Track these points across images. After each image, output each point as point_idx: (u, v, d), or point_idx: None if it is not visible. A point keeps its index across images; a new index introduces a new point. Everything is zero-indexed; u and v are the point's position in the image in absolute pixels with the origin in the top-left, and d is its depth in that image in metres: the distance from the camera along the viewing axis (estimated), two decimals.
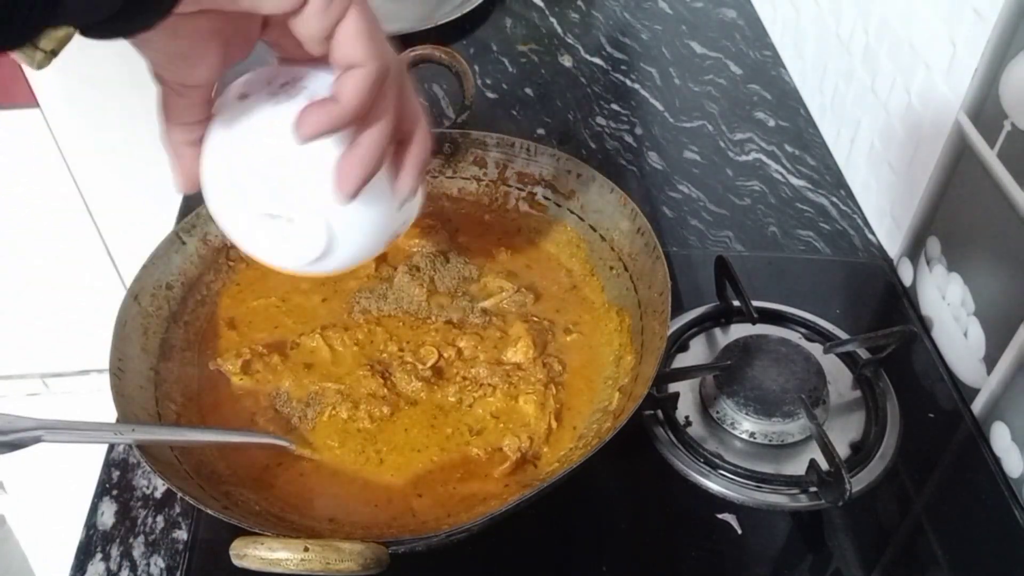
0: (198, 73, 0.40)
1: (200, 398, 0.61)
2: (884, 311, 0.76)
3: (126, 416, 0.53)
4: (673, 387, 0.65)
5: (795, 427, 0.61)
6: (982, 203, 0.63)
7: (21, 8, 0.31)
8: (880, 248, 0.80)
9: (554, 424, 0.59)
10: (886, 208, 0.79)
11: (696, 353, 0.69)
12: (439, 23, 1.08)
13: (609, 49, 1.07)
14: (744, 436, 0.62)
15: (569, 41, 1.09)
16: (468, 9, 1.10)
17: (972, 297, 0.65)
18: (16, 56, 0.65)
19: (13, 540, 1.02)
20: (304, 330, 0.65)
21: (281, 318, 0.66)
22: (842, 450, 0.62)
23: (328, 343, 0.63)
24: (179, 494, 0.50)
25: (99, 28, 0.36)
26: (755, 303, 0.69)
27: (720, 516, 0.59)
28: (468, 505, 0.55)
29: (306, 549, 0.43)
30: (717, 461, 0.60)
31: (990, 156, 0.61)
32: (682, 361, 0.68)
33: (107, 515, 0.60)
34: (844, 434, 0.63)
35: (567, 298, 0.68)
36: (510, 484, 0.56)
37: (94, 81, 1.33)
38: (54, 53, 0.76)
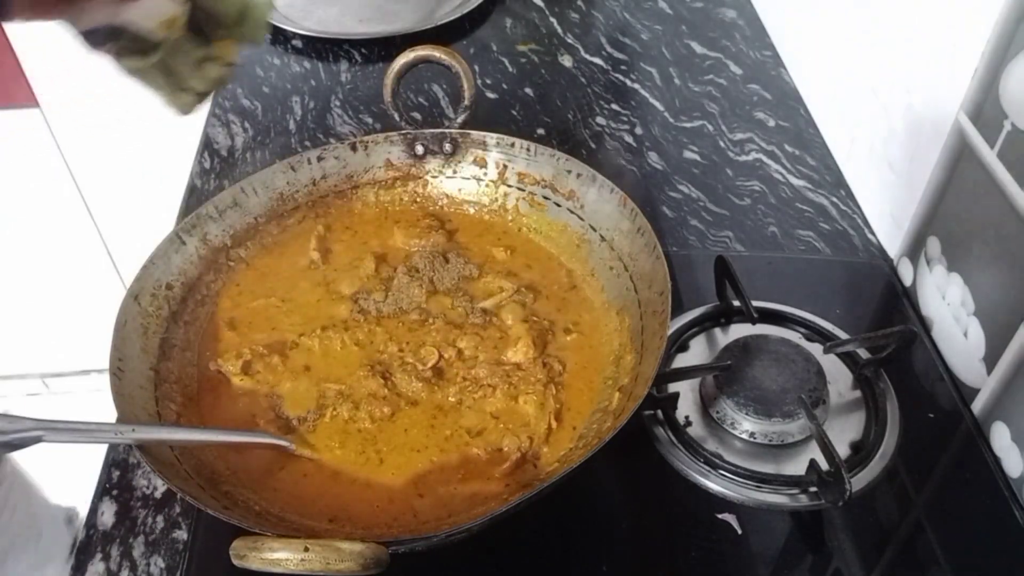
0: None
1: (200, 398, 0.61)
2: (884, 311, 0.76)
3: (126, 416, 0.53)
4: (673, 387, 0.65)
5: (795, 427, 0.61)
6: (982, 203, 0.63)
7: None
8: (880, 248, 0.80)
9: (554, 424, 0.59)
10: (886, 208, 0.79)
11: (696, 353, 0.69)
12: (439, 23, 1.08)
13: (609, 49, 1.07)
14: (744, 436, 0.62)
15: (569, 41, 1.09)
16: (468, 9, 1.11)
17: (972, 297, 0.65)
18: (163, 100, 0.65)
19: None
20: (303, 330, 0.65)
21: (281, 318, 0.66)
22: (842, 450, 0.62)
23: (328, 343, 0.63)
24: (179, 494, 0.50)
25: None
26: (755, 303, 0.69)
27: (720, 516, 0.59)
28: (468, 505, 0.55)
29: (306, 549, 0.43)
30: (717, 461, 0.60)
31: (990, 156, 0.61)
32: (682, 361, 0.68)
33: (107, 515, 0.60)
34: (844, 434, 0.63)
35: (567, 298, 0.68)
36: (510, 484, 0.56)
37: (94, 81, 1.33)
38: (202, 96, 0.73)
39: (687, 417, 0.64)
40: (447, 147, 0.73)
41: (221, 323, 0.65)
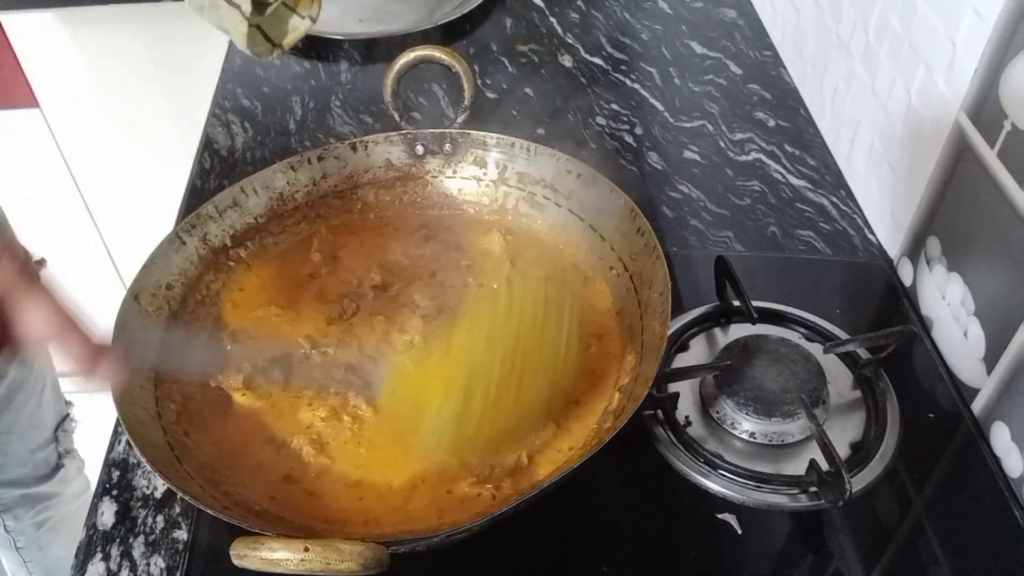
0: None
1: (204, 413, 0.60)
2: (884, 311, 0.76)
3: (126, 417, 0.53)
4: (673, 387, 0.65)
5: (795, 427, 0.61)
6: (982, 203, 0.63)
7: None
8: (880, 248, 0.80)
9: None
10: (886, 208, 0.79)
11: (696, 353, 0.69)
12: (439, 23, 1.08)
13: (609, 49, 1.07)
14: (744, 436, 0.62)
15: (569, 41, 1.09)
16: (468, 9, 1.11)
17: (972, 297, 0.65)
18: (244, 47, 0.64)
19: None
20: (303, 335, 0.64)
21: (283, 327, 0.65)
22: (842, 450, 0.62)
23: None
24: (179, 494, 0.50)
25: None
26: (755, 303, 0.69)
27: (720, 516, 0.59)
28: (460, 506, 0.55)
29: (306, 549, 0.43)
30: (717, 461, 0.60)
31: (990, 156, 0.61)
32: (682, 361, 0.68)
33: (107, 515, 0.60)
34: (844, 434, 0.63)
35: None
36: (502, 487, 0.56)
37: (94, 81, 1.33)
38: (281, 47, 0.73)
39: (687, 417, 0.64)
40: (447, 147, 0.73)
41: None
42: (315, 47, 1.08)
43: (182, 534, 0.59)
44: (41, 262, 1.02)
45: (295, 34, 0.73)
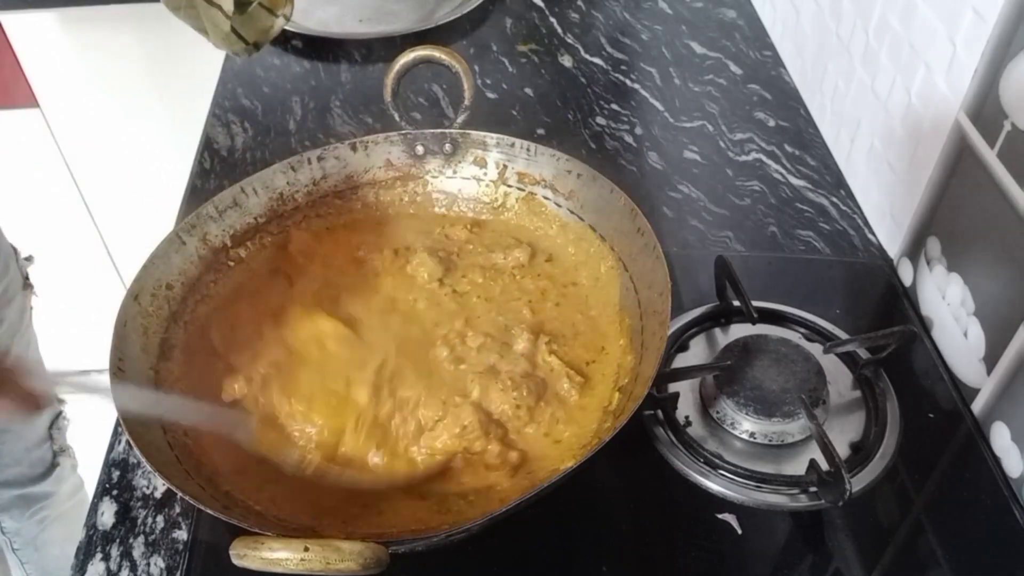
0: None
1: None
2: (884, 311, 0.76)
3: (126, 418, 0.53)
4: (673, 387, 0.65)
5: (795, 427, 0.61)
6: (982, 203, 0.63)
7: None
8: (880, 248, 0.80)
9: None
10: (886, 208, 0.79)
11: (696, 353, 0.69)
12: (439, 23, 1.08)
13: (609, 49, 1.07)
14: (744, 436, 0.62)
15: (569, 41, 1.09)
16: (468, 9, 1.11)
17: (972, 297, 0.65)
18: (224, 47, 0.64)
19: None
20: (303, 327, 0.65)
21: (269, 332, 0.66)
22: (842, 450, 0.62)
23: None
24: (179, 494, 0.50)
25: None
26: (755, 303, 0.69)
27: (720, 516, 0.59)
28: (464, 506, 0.55)
29: (306, 549, 0.43)
30: (717, 461, 0.60)
31: (990, 156, 0.61)
32: (682, 361, 0.68)
33: (107, 515, 0.60)
34: (844, 434, 0.63)
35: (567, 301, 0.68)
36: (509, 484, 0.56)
37: (94, 81, 1.33)
38: (256, 46, 0.73)
39: (687, 417, 0.64)
40: (447, 147, 0.73)
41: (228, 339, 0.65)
42: (315, 47, 1.08)
43: (182, 534, 0.59)
44: (29, 259, 1.02)
45: (270, 32, 0.74)
